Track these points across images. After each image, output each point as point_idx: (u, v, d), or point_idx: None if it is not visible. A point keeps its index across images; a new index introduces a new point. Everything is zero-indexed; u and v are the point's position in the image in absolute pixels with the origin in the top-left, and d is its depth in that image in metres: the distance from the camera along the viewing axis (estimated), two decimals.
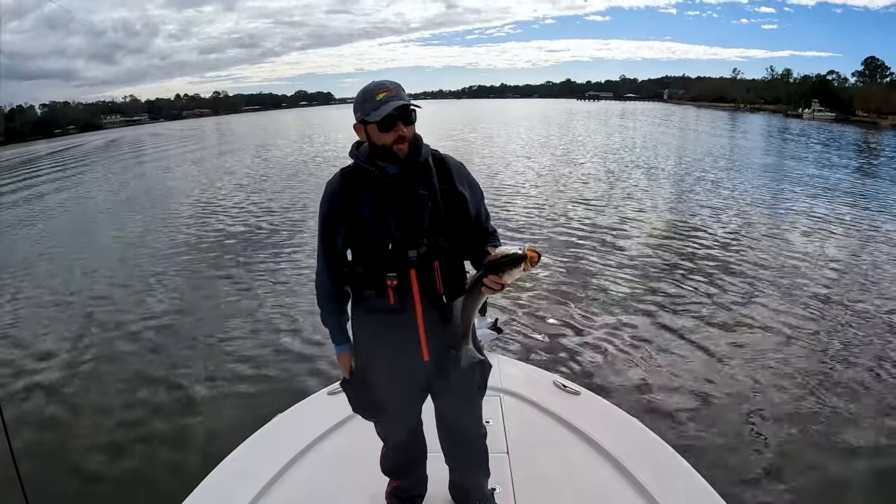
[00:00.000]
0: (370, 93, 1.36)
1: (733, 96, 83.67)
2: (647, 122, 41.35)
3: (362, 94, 1.38)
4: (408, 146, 1.38)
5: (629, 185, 12.13)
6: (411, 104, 1.35)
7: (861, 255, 6.87)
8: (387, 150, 1.37)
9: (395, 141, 1.36)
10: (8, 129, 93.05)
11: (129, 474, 3.08)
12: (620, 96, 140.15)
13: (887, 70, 68.09)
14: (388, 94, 1.34)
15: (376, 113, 1.33)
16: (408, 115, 1.36)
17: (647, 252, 6.96)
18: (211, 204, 12.01)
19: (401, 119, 1.35)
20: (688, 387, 3.74)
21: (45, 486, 2.94)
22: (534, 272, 5.39)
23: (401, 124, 1.35)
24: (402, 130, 1.36)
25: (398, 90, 1.36)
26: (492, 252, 1.30)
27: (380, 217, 1.41)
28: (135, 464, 3.17)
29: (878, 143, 26.45)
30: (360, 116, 1.38)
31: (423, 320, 1.45)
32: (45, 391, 4.13)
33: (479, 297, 1.36)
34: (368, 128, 1.38)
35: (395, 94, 1.34)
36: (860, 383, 3.75)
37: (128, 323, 5.36)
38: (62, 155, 37.62)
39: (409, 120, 1.37)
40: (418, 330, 1.45)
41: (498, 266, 1.28)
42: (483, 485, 1.78)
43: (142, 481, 3.01)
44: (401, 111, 1.34)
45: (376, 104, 1.34)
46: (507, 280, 1.29)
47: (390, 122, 1.34)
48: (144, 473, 3.08)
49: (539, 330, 4.70)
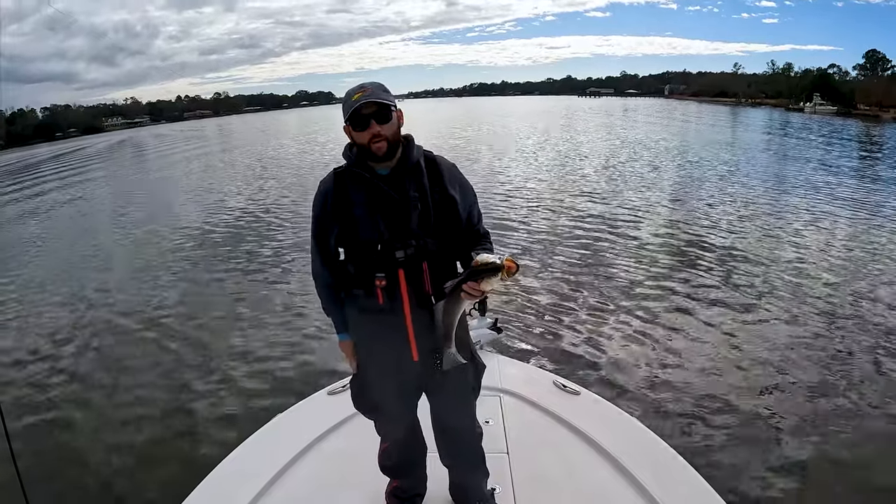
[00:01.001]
0: (349, 94, 1.39)
1: (735, 91, 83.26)
2: (649, 118, 41.18)
3: (345, 96, 1.41)
4: (386, 144, 1.38)
5: (630, 186, 12.06)
6: (384, 102, 1.36)
7: (866, 252, 6.82)
8: (366, 149, 1.39)
9: (371, 139, 1.37)
10: (9, 132, 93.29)
11: (128, 474, 3.10)
12: (621, 92, 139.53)
13: (888, 63, 67.66)
14: (362, 94, 1.36)
15: (347, 112, 1.37)
16: (383, 113, 1.37)
17: (648, 252, 6.94)
18: (211, 204, 12.04)
19: (375, 118, 1.36)
20: (688, 386, 3.73)
21: (45, 486, 2.96)
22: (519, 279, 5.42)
23: (375, 123, 1.37)
24: (375, 129, 1.37)
25: (376, 90, 1.37)
26: (474, 258, 1.32)
27: (370, 218, 1.43)
28: (135, 464, 3.19)
29: (880, 135, 26.32)
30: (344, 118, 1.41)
31: (411, 320, 1.46)
32: (46, 391, 4.15)
33: (459, 302, 1.37)
34: (349, 129, 1.41)
35: (370, 94, 1.36)
36: (864, 384, 3.72)
37: (128, 323, 5.39)
38: (77, 155, 37.79)
39: (384, 118, 1.37)
40: (407, 330, 1.47)
41: (476, 273, 1.30)
42: (482, 485, 1.78)
43: (142, 481, 3.02)
44: (375, 110, 1.36)
45: (351, 104, 1.36)
46: (486, 288, 1.31)
47: (363, 120, 1.36)
48: (144, 473, 3.09)
49: (539, 330, 4.69)
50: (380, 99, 1.36)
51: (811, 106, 53.09)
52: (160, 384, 4.13)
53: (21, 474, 1.41)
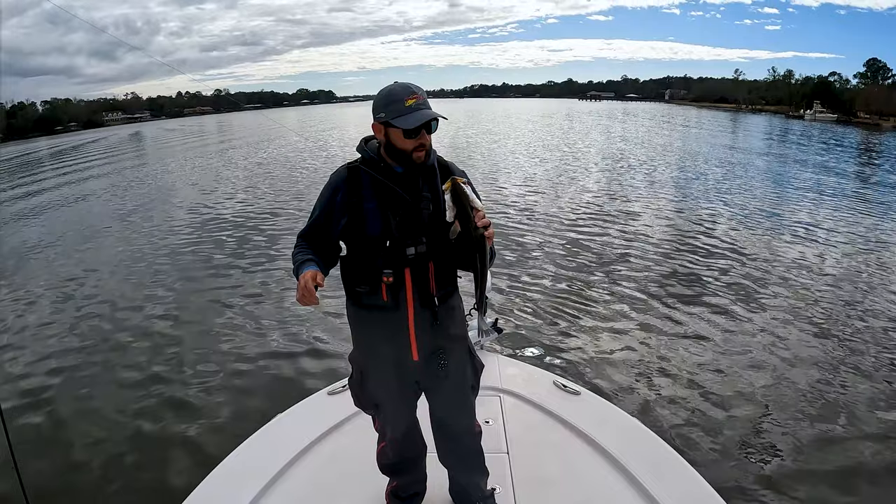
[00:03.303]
0: (397, 95, 1.38)
1: (735, 97, 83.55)
2: (647, 122, 41.25)
3: (388, 96, 1.39)
4: (425, 153, 1.42)
5: (631, 186, 12.10)
6: (439, 116, 1.39)
7: (866, 260, 6.84)
8: (405, 154, 1.40)
9: (416, 148, 1.39)
10: (10, 125, 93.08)
11: (128, 474, 3.08)
12: (622, 96, 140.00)
13: (889, 72, 67.99)
14: (416, 102, 1.37)
15: (405, 120, 1.35)
16: (433, 125, 1.40)
17: (648, 253, 6.94)
18: (214, 203, 12.02)
19: (426, 129, 1.39)
20: (688, 387, 3.74)
21: (45, 486, 2.95)
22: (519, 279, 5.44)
23: (424, 132, 1.39)
24: (424, 139, 1.40)
25: (425, 98, 1.39)
26: (452, 233, 1.37)
27: (381, 214, 1.43)
28: (135, 464, 3.17)
29: (879, 143, 26.42)
30: (383, 118, 1.39)
31: (413, 320, 1.46)
32: (46, 391, 4.12)
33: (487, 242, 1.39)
34: (391, 130, 1.40)
35: (424, 103, 1.38)
36: (865, 384, 3.74)
37: (128, 323, 5.36)
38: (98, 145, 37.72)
39: (431, 129, 1.41)
40: (409, 329, 1.47)
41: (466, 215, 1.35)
42: (482, 484, 1.78)
43: (142, 481, 3.00)
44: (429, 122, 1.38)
45: (404, 110, 1.36)
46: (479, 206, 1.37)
47: (417, 130, 1.38)
48: (144, 473, 3.07)
49: (539, 330, 4.69)
50: (439, 116, 1.38)
51: (811, 113, 53.27)
52: (159, 384, 4.10)
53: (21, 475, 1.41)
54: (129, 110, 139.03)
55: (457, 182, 1.35)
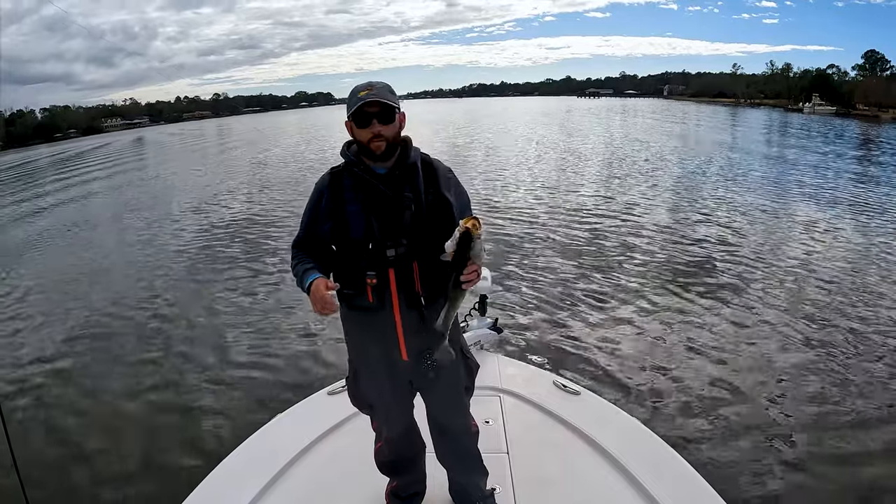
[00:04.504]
0: (356, 90, 1.41)
1: (734, 91, 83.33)
2: (647, 119, 41.17)
3: (350, 94, 1.43)
4: (385, 144, 1.41)
5: (631, 186, 12.04)
6: (389, 103, 1.39)
7: (867, 259, 6.82)
8: (365, 146, 1.41)
9: (372, 138, 1.39)
10: (9, 133, 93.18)
11: (129, 474, 3.09)
12: (621, 93, 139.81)
13: (887, 63, 67.83)
14: (368, 92, 1.38)
15: (351, 108, 1.39)
16: (386, 114, 1.39)
17: (649, 253, 6.93)
18: (213, 204, 12.04)
19: (377, 117, 1.39)
20: (688, 387, 3.73)
21: (45, 486, 2.96)
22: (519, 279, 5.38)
23: (376, 122, 1.39)
24: (377, 128, 1.39)
25: (382, 90, 1.40)
26: (445, 252, 1.31)
27: (364, 216, 1.44)
28: (135, 464, 3.18)
29: (878, 135, 26.34)
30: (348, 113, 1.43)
31: (401, 320, 1.47)
32: (45, 391, 4.14)
33: (463, 295, 1.38)
34: (351, 125, 1.43)
35: (377, 93, 1.38)
36: (866, 386, 3.71)
37: (128, 323, 5.38)
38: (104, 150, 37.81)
39: (387, 119, 1.40)
40: (396, 329, 1.48)
41: (461, 260, 1.30)
42: (481, 484, 1.78)
43: (142, 481, 3.01)
44: (379, 110, 1.38)
45: (356, 101, 1.38)
46: (479, 262, 1.33)
47: (365, 118, 1.39)
48: (144, 473, 3.08)
49: (539, 330, 4.69)
50: (385, 99, 1.38)
51: (810, 106, 53.16)
52: (159, 384, 4.12)
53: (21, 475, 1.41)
54: (128, 116, 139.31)
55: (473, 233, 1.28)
